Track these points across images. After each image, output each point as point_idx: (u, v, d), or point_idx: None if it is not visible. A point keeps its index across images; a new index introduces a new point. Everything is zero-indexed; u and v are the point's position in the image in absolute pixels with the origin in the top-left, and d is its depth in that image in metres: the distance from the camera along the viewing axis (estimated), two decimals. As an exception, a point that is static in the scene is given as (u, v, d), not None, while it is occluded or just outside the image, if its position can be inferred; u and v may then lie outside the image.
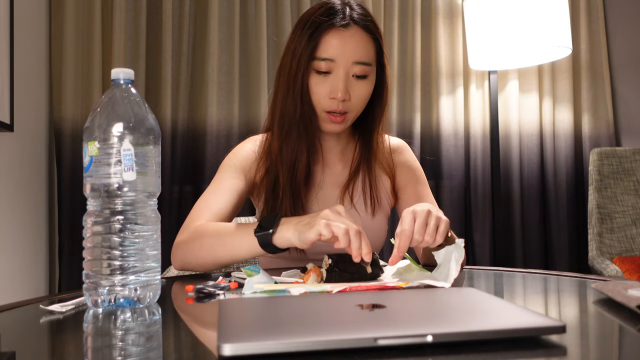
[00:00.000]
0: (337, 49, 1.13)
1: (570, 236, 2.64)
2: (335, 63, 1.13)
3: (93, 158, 0.74)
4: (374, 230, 1.26)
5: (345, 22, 1.13)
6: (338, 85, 1.13)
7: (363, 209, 1.26)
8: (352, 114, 1.19)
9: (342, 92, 1.13)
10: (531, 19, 2.23)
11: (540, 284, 0.95)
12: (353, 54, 1.13)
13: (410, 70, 2.56)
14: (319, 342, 0.50)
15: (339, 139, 1.29)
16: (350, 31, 1.13)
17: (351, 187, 1.26)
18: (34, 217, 2.06)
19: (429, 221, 0.93)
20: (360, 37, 1.14)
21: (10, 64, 1.77)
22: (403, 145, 1.36)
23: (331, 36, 1.13)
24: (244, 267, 0.96)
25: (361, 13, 1.16)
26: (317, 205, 1.24)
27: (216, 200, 1.17)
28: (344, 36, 1.13)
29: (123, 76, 0.78)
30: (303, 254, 1.21)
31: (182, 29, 2.35)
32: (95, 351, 0.58)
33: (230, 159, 1.26)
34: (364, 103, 1.19)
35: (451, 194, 2.57)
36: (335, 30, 1.13)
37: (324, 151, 1.29)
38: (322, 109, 1.16)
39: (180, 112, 2.34)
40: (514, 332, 0.53)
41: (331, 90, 1.14)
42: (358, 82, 1.15)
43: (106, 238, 0.74)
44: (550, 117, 2.67)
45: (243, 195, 1.22)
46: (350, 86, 1.15)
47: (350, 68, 1.14)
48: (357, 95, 1.16)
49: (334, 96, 1.13)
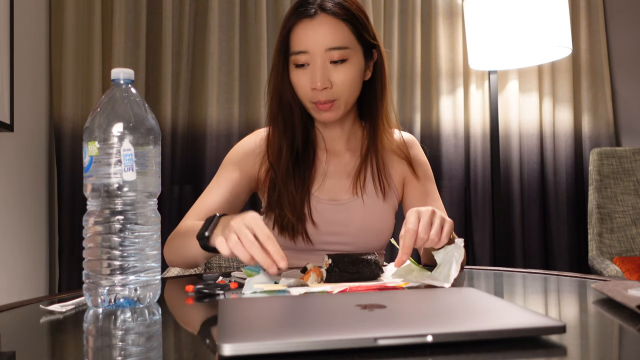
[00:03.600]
0: (307, 40, 1.15)
1: (570, 236, 2.64)
2: (310, 54, 1.15)
3: (93, 158, 0.74)
4: (383, 215, 1.26)
5: (312, 12, 1.15)
6: (316, 76, 1.14)
7: (374, 194, 1.26)
8: (342, 100, 1.18)
9: (320, 82, 1.14)
10: (531, 19, 2.23)
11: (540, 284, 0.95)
12: (324, 41, 1.14)
13: (410, 70, 2.56)
14: (319, 342, 0.50)
15: (342, 127, 1.29)
16: (317, 19, 1.15)
17: (362, 176, 1.26)
18: (34, 217, 2.06)
19: (434, 220, 0.92)
20: (329, 23, 1.15)
21: (10, 64, 1.77)
22: (413, 140, 1.36)
23: (300, 28, 1.15)
24: (244, 267, 0.96)
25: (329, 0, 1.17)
26: (328, 194, 1.25)
27: (208, 198, 1.21)
28: (313, 26, 1.14)
29: (123, 76, 0.78)
30: (310, 244, 1.22)
31: (182, 29, 2.35)
32: (95, 351, 0.58)
33: (230, 155, 1.29)
34: (351, 87, 1.18)
35: (451, 194, 2.57)
36: (304, 22, 1.15)
37: (329, 140, 1.29)
38: (308, 100, 1.18)
39: (180, 112, 2.34)
40: (514, 332, 0.53)
41: (311, 81, 1.15)
42: (337, 67, 1.16)
43: (106, 238, 0.74)
44: (550, 117, 2.66)
45: (242, 189, 1.24)
46: (330, 73, 1.15)
47: (324, 56, 1.15)
48: (340, 81, 1.16)
49: (314, 87, 1.15)
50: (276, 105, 1.22)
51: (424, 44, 2.61)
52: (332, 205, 1.24)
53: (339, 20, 1.15)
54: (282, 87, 1.20)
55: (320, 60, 1.14)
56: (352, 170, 1.27)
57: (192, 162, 2.35)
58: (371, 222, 1.24)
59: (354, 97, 1.21)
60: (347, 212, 1.24)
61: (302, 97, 1.19)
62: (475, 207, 2.60)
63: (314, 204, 1.23)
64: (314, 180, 1.25)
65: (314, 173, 1.25)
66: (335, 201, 1.25)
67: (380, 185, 1.26)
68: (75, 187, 2.17)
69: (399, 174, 1.31)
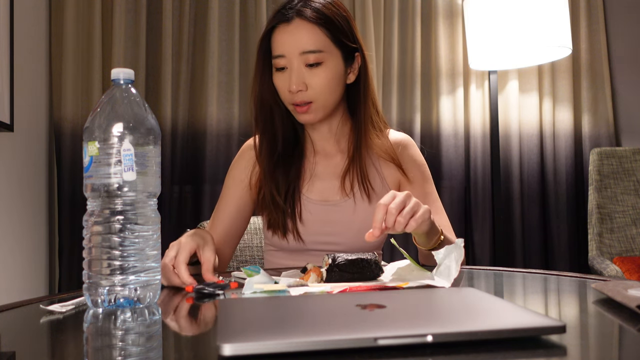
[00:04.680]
0: (284, 44, 1.19)
1: (570, 236, 2.64)
2: (286, 58, 1.19)
3: (93, 158, 0.74)
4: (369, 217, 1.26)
5: (288, 17, 1.19)
6: (291, 79, 1.18)
7: (359, 197, 1.27)
8: (319, 103, 1.21)
9: (295, 84, 1.18)
10: (531, 19, 2.23)
11: (540, 284, 0.95)
12: (298, 45, 1.18)
13: (410, 70, 2.56)
14: (319, 342, 0.50)
15: (330, 128, 1.30)
16: (293, 24, 1.19)
17: (349, 176, 1.27)
18: (34, 217, 2.06)
19: (408, 202, 0.94)
20: (303, 28, 1.18)
21: (10, 64, 1.77)
22: (407, 140, 1.35)
23: (278, 33, 1.20)
24: (244, 267, 0.96)
25: (304, 4, 1.20)
26: (318, 195, 1.27)
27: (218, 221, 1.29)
28: (288, 31, 1.19)
29: (123, 76, 0.78)
30: (302, 242, 1.25)
31: (182, 29, 2.35)
32: (95, 351, 0.58)
33: (228, 172, 1.35)
34: (328, 89, 1.20)
35: (451, 194, 2.57)
36: (281, 27, 1.20)
37: (318, 141, 1.31)
38: (288, 102, 1.22)
39: (180, 112, 2.34)
40: (514, 332, 0.53)
41: (288, 84, 1.19)
42: (312, 70, 1.19)
43: (106, 238, 0.74)
44: (550, 117, 2.66)
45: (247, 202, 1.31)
46: (305, 76, 1.18)
47: (299, 59, 1.18)
48: (315, 84, 1.19)
49: (290, 89, 1.18)
50: (257, 107, 1.26)
51: (424, 44, 2.61)
52: (322, 206, 1.26)
53: (314, 24, 1.18)
54: (262, 89, 1.24)
55: (296, 64, 1.18)
56: (341, 171, 1.28)
57: (192, 162, 2.35)
58: (362, 223, 1.24)
59: (333, 100, 1.23)
60: (338, 212, 1.26)
61: (283, 99, 1.23)
62: (475, 207, 2.60)
63: (305, 203, 1.26)
64: (304, 180, 1.28)
65: (303, 174, 1.28)
66: (326, 202, 1.27)
67: (365, 188, 1.27)
68: (75, 187, 2.17)
69: (393, 176, 1.31)
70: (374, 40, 2.49)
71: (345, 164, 1.28)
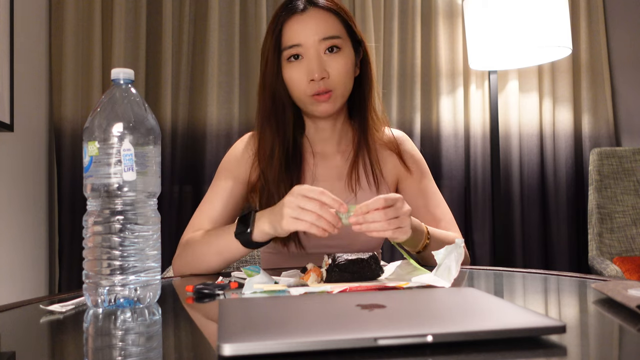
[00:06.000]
0: (300, 33, 1.17)
1: (570, 236, 2.64)
2: (303, 47, 1.17)
3: (93, 158, 0.74)
4: None
5: (302, 7, 1.18)
6: (312, 66, 1.16)
7: (367, 188, 1.26)
8: (338, 91, 1.19)
9: (318, 72, 1.15)
10: (531, 19, 2.23)
11: (540, 284, 0.95)
12: (317, 32, 1.16)
13: (410, 70, 2.56)
14: (319, 342, 0.50)
15: (334, 127, 1.28)
16: (308, 13, 1.17)
17: (356, 173, 1.26)
18: (34, 217, 2.06)
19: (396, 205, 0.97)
20: (320, 16, 1.18)
21: (10, 64, 1.77)
22: (403, 136, 1.36)
23: (292, 24, 1.17)
24: (244, 267, 0.96)
25: None
26: None
27: (208, 210, 1.23)
28: (304, 19, 1.17)
29: (123, 76, 0.78)
30: (303, 249, 1.22)
31: (182, 29, 2.35)
32: (95, 351, 0.58)
33: (222, 163, 1.30)
34: (346, 78, 1.19)
35: (451, 194, 2.57)
36: (294, 17, 1.18)
37: (319, 143, 1.28)
38: (306, 94, 1.18)
39: (180, 112, 2.34)
40: (514, 332, 0.53)
41: (308, 73, 1.16)
42: (332, 57, 1.17)
43: (106, 238, 0.74)
44: (550, 117, 2.66)
45: (238, 196, 1.25)
46: (325, 64, 1.17)
47: (318, 46, 1.16)
48: (335, 70, 1.17)
49: (312, 77, 1.16)
50: (270, 103, 1.21)
51: (424, 44, 2.61)
52: None
53: (329, 12, 1.18)
54: (276, 85, 1.20)
55: (314, 51, 1.16)
56: (343, 171, 1.27)
57: (192, 162, 2.35)
58: None
59: (348, 90, 1.22)
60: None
61: (298, 92, 1.19)
62: (475, 207, 2.60)
63: None
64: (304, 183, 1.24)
65: (302, 177, 1.25)
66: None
67: (374, 179, 1.26)
68: (75, 187, 2.17)
69: (392, 170, 1.30)
70: (374, 40, 2.49)
71: (350, 161, 1.27)
